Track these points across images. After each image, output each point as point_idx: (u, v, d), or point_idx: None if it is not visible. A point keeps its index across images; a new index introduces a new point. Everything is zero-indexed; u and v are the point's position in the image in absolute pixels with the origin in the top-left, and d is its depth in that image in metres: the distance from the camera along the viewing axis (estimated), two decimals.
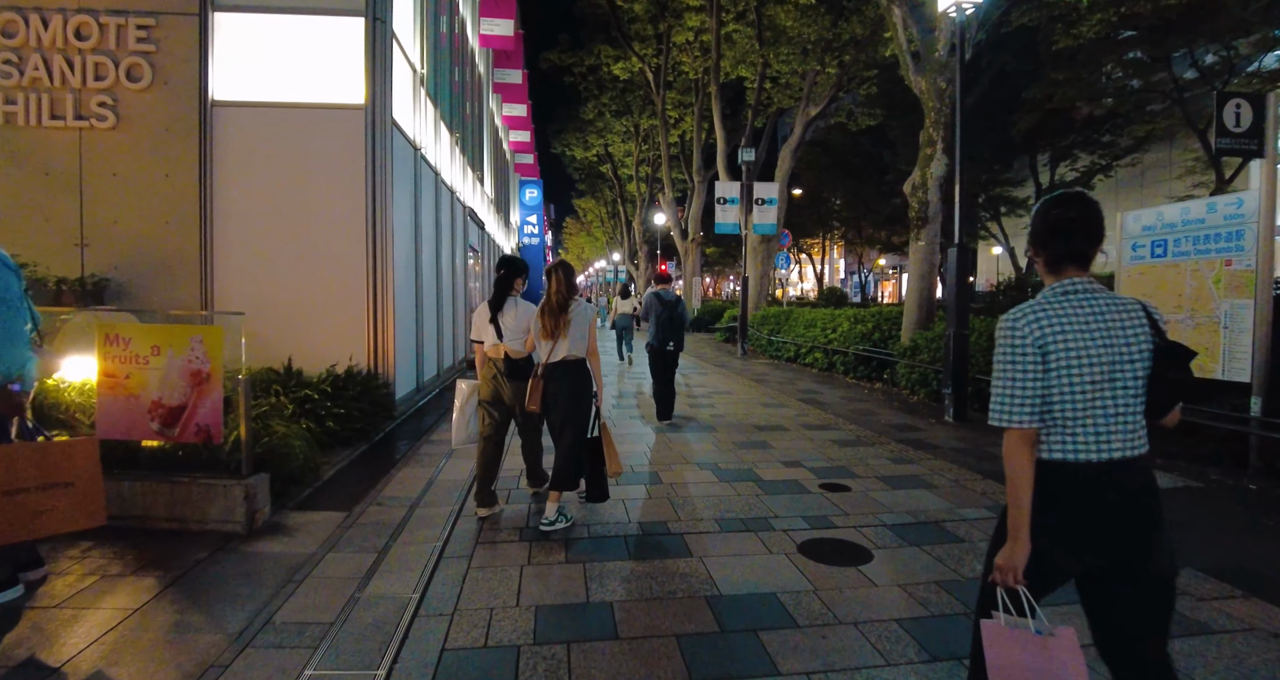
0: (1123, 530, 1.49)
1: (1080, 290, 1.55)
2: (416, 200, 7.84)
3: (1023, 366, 1.52)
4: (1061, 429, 1.51)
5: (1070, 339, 1.50)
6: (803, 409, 7.57)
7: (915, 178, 9.91)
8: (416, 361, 7.83)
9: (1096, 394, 1.49)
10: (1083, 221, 1.55)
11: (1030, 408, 1.51)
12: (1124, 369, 1.50)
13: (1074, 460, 1.50)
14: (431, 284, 8.71)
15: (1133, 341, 1.51)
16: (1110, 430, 1.50)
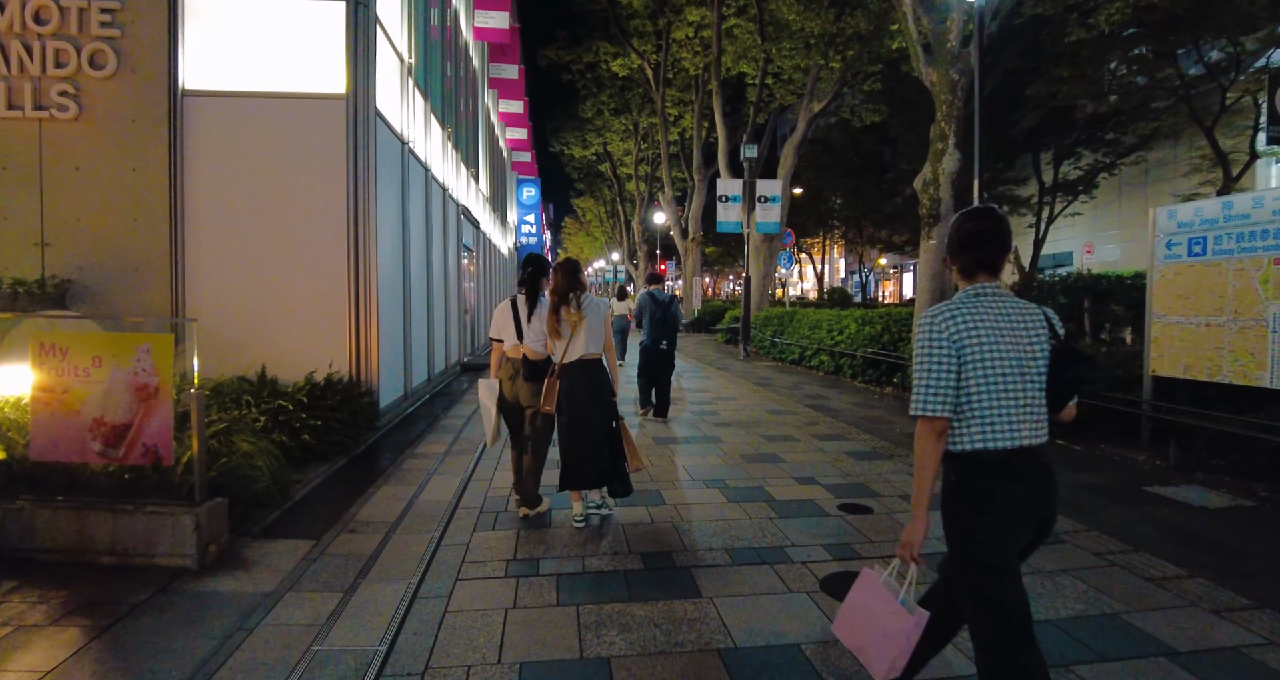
0: (1039, 506, 1.66)
1: (990, 293, 1.69)
2: (404, 197, 7.44)
3: (939, 360, 1.63)
4: (980, 419, 1.62)
5: (983, 336, 1.62)
6: (812, 416, 7.18)
7: (926, 173, 9.52)
8: (404, 366, 7.43)
9: (1008, 386, 1.61)
10: (993, 232, 1.71)
11: (944, 399, 1.62)
12: (1030, 365, 1.64)
13: (994, 448, 1.62)
14: (421, 285, 8.31)
15: (1036, 341, 1.66)
16: (1020, 420, 1.63)
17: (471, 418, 6.88)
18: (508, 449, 5.18)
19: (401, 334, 7.35)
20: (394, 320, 6.99)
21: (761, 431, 6.34)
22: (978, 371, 1.61)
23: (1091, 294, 7.79)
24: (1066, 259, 39.77)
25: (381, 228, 6.45)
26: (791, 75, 17.47)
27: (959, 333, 1.63)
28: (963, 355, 1.62)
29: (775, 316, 14.29)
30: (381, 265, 6.41)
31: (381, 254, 6.42)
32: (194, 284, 5.84)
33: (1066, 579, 3.08)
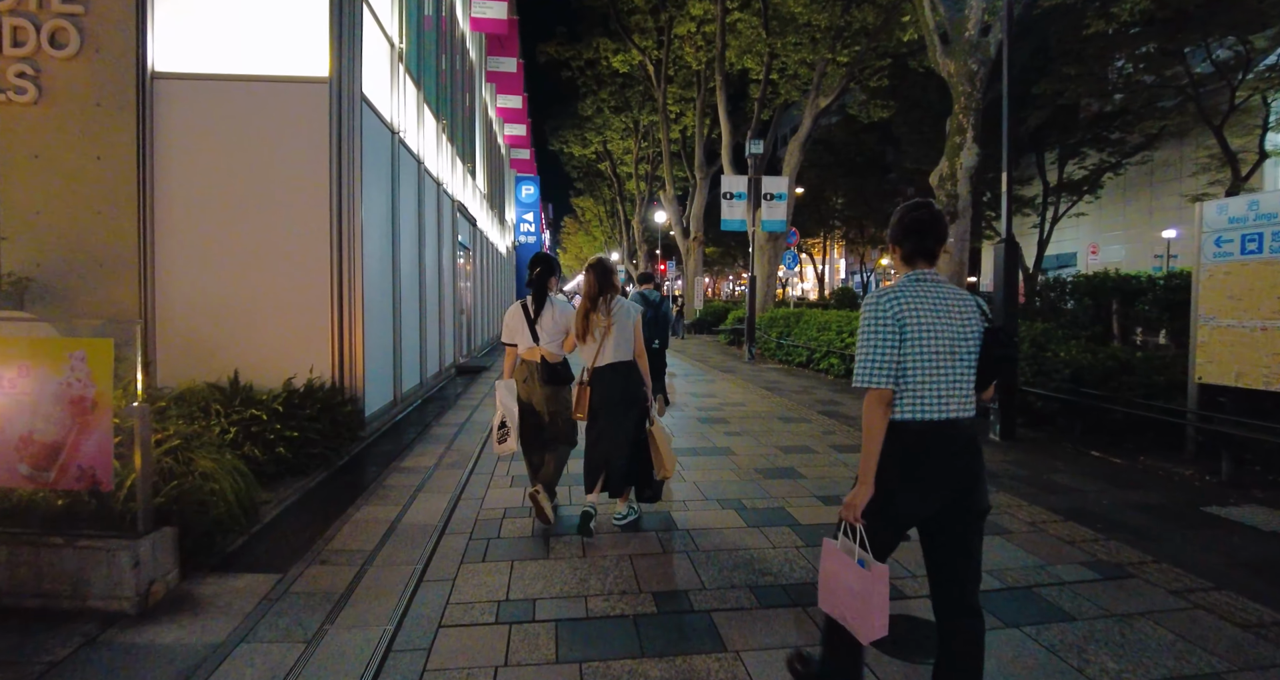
0: (960, 473, 1.79)
1: (928, 279, 1.84)
2: (394, 190, 7.01)
3: (883, 337, 1.77)
4: (913, 392, 1.76)
5: (923, 316, 1.77)
6: (827, 425, 6.75)
7: (943, 169, 9.11)
8: (394, 371, 7.00)
9: (941, 363, 1.77)
10: (930, 224, 1.87)
11: (888, 372, 1.76)
12: (961, 345, 1.80)
13: (922, 418, 1.77)
14: (413, 284, 7.87)
15: (968, 324, 1.82)
16: (950, 394, 1.78)
17: (464, 426, 6.44)
18: (506, 462, 4.80)
19: (391, 336, 6.92)
20: (382, 321, 6.56)
21: (775, 441, 5.91)
22: (915, 348, 1.76)
23: (1121, 294, 7.39)
24: (1070, 260, 39.44)
25: (369, 222, 6.02)
26: (797, 70, 17.04)
27: (901, 312, 1.77)
28: (904, 333, 1.77)
29: (781, 317, 13.86)
30: (368, 262, 5.98)
31: (369, 250, 5.99)
32: (164, 282, 5.40)
33: (1147, 625, 2.65)
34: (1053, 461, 5.34)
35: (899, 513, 1.81)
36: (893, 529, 1.85)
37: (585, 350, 3.54)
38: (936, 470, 1.78)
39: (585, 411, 3.55)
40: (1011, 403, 6.09)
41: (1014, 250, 6.14)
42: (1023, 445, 5.90)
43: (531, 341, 3.64)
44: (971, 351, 1.81)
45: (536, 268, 3.73)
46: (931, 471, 1.78)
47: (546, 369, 3.65)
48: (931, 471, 1.78)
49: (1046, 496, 4.38)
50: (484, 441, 5.79)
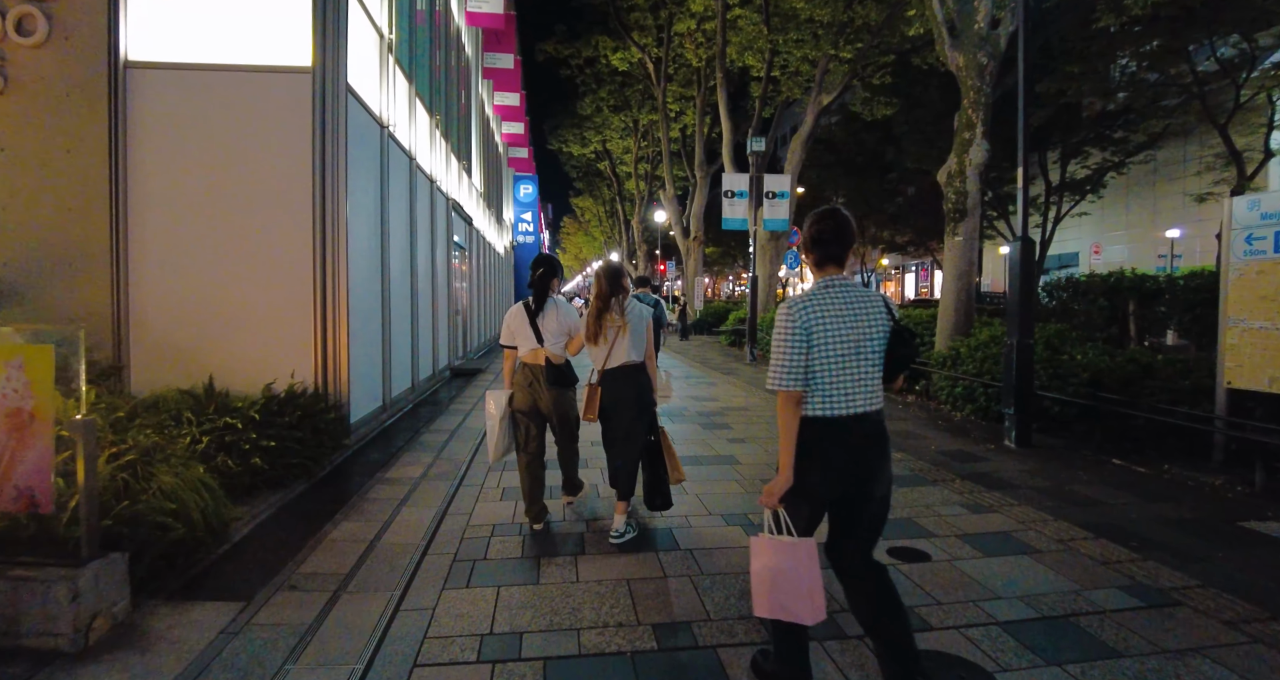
0: (863, 463, 1.99)
1: (837, 284, 2.02)
2: (384, 186, 6.74)
3: (792, 344, 1.95)
4: (822, 392, 1.96)
5: (829, 323, 1.95)
6: None
7: (951, 166, 8.84)
8: (383, 374, 6.72)
9: (847, 364, 1.96)
10: (835, 232, 2.04)
11: (797, 376, 1.94)
12: (866, 345, 1.98)
13: (830, 415, 1.96)
14: (403, 283, 7.60)
15: (874, 324, 1.99)
16: (855, 391, 1.97)
17: (455, 432, 6.17)
18: (497, 472, 4.51)
19: (380, 338, 6.64)
20: (370, 323, 6.28)
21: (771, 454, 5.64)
22: (821, 353, 1.93)
23: (1138, 295, 7.11)
24: (1072, 259, 39.17)
25: (355, 219, 5.75)
26: (799, 67, 16.78)
27: (809, 321, 1.94)
28: (811, 340, 1.93)
29: None
30: (354, 261, 5.71)
31: (355, 248, 5.72)
32: (138, 281, 5.13)
33: (1204, 662, 2.38)
34: (1073, 471, 5.07)
35: (814, 496, 2.00)
36: (808, 509, 2.02)
37: (596, 352, 3.50)
38: (845, 459, 1.97)
39: (596, 412, 3.50)
40: (1027, 409, 5.82)
41: (1030, 249, 5.87)
42: (1040, 453, 5.63)
43: (535, 343, 3.60)
44: (877, 350, 1.99)
45: (539, 268, 3.67)
46: (840, 460, 1.96)
47: (552, 371, 3.60)
48: (840, 460, 1.96)
49: (1071, 510, 4.11)
50: (475, 449, 5.52)
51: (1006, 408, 5.92)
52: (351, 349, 5.52)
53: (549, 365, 3.60)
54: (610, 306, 3.43)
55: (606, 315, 3.43)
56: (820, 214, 2.07)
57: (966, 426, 6.79)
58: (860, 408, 1.96)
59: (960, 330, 8.55)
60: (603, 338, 3.43)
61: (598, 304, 3.44)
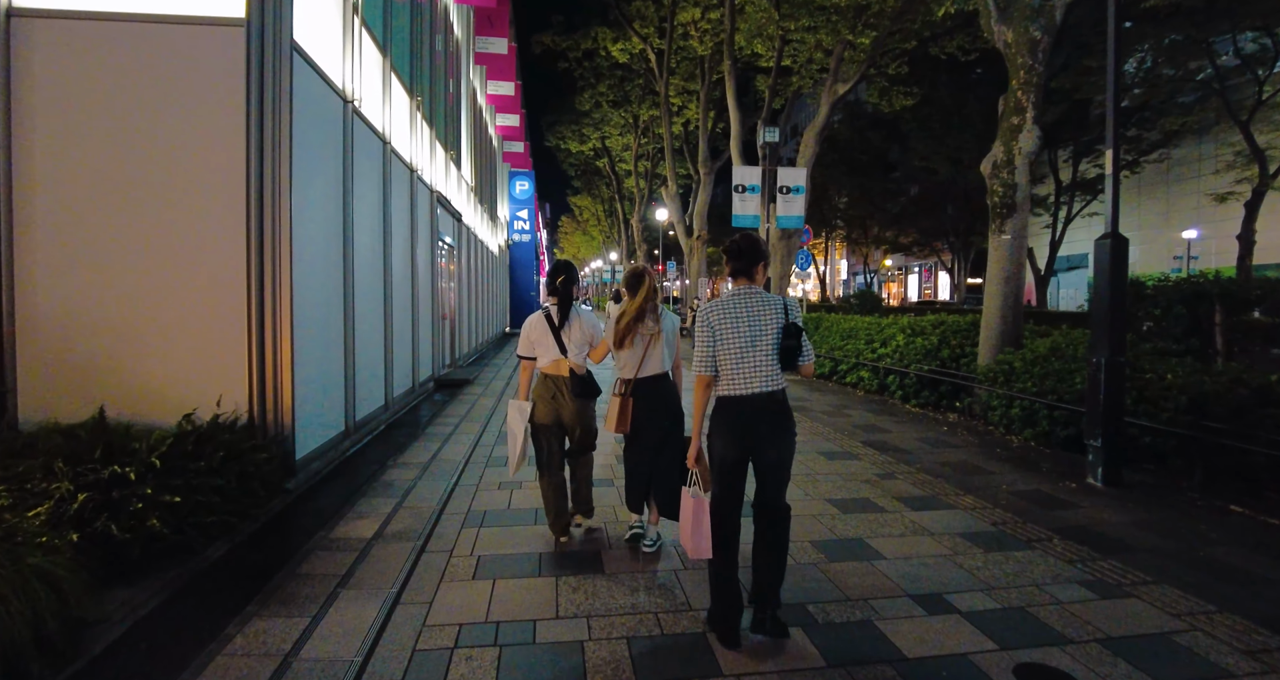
0: (757, 431, 2.50)
1: (744, 293, 2.57)
2: (348, 172, 5.72)
3: (703, 339, 2.55)
4: (726, 377, 2.53)
5: (729, 322, 2.52)
6: (880, 461, 5.47)
7: (997, 155, 7.85)
8: (345, 393, 5.70)
9: (744, 355, 2.49)
10: (746, 250, 2.61)
11: (707, 364, 2.55)
12: (761, 339, 2.50)
13: (732, 395, 2.51)
14: (373, 286, 6.58)
15: (769, 322, 2.51)
16: (752, 376, 2.49)
17: (428, 467, 5.14)
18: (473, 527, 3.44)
19: (342, 350, 5.62)
20: (326, 334, 5.26)
21: (823, 490, 4.63)
22: (723, 346, 2.52)
23: (1228, 301, 6.13)
24: (1081, 260, 38.33)
25: (306, 209, 4.73)
26: (812, 55, 15.78)
27: (713, 321, 2.55)
28: (715, 335, 2.53)
29: None
30: (305, 259, 4.69)
31: (305, 244, 4.70)
32: (27, 286, 4.10)
33: None
34: (1191, 522, 4.07)
35: (723, 456, 2.56)
36: (718, 468, 2.59)
37: (626, 359, 3.40)
38: (743, 426, 2.51)
39: (629, 424, 3.38)
40: (1117, 441, 4.83)
41: (1122, 247, 4.87)
42: (1135, 495, 4.63)
43: (558, 353, 3.49)
44: (772, 343, 2.50)
45: (560, 276, 3.54)
46: (740, 427, 2.51)
47: (577, 382, 3.50)
48: (740, 427, 2.51)
49: (1227, 589, 3.10)
50: (448, 491, 4.51)
51: (1091, 439, 4.92)
52: (299, 366, 4.50)
53: (574, 376, 3.48)
54: (645, 313, 3.34)
55: (642, 323, 3.34)
56: (741, 236, 2.63)
57: (1031, 456, 5.79)
58: (756, 389, 2.48)
59: (1009, 341, 7.56)
60: (636, 345, 3.35)
61: (638, 310, 3.33)
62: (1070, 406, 5.86)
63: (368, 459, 5.43)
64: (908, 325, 9.22)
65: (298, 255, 4.50)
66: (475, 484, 4.66)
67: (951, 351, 8.23)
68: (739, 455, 2.52)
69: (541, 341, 3.50)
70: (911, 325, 9.15)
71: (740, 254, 2.60)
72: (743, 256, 2.60)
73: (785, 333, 2.49)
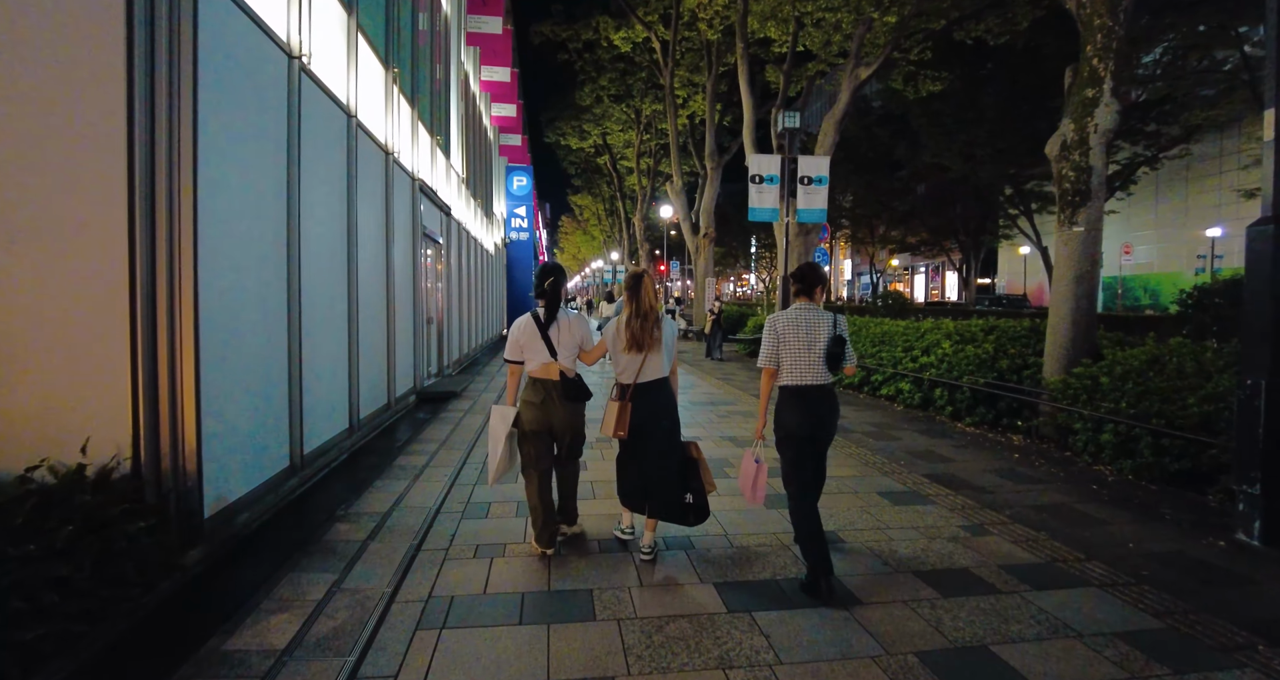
0: (815, 413, 3.17)
1: (805, 307, 3.23)
2: (294, 142, 4.60)
3: (769, 340, 3.22)
4: (786, 371, 3.20)
5: (791, 330, 3.19)
6: (960, 508, 4.35)
7: (1066, 133, 6.73)
8: (290, 419, 4.57)
9: (800, 355, 3.17)
10: (808, 275, 3.28)
11: (773, 359, 3.22)
12: (815, 344, 3.16)
13: (795, 385, 3.18)
14: (332, 285, 5.46)
15: (823, 332, 3.17)
16: (807, 371, 3.16)
17: (387, 519, 4.02)
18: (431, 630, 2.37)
19: (286, 366, 4.50)
20: (263, 345, 4.14)
21: (907, 556, 3.52)
22: (785, 348, 3.19)
23: None
24: None
25: (229, 185, 3.62)
26: (830, 37, 14.67)
27: (780, 329, 3.21)
28: (781, 338, 3.20)
29: None
30: (225, 252, 3.58)
31: (225, 232, 3.59)
32: None
33: None
34: None
35: (787, 433, 3.20)
36: (785, 442, 3.23)
37: (627, 364, 3.37)
38: (801, 410, 3.16)
39: (626, 429, 3.32)
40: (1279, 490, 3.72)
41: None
42: None
43: (548, 357, 3.42)
44: (823, 348, 3.16)
45: (549, 278, 3.45)
46: (798, 411, 3.16)
47: (568, 386, 3.43)
48: (798, 411, 3.16)
49: None
50: (407, 558, 3.39)
51: (1244, 484, 3.80)
52: (210, 389, 3.39)
53: (564, 379, 3.44)
54: (659, 319, 3.38)
55: (656, 328, 3.36)
56: (801, 265, 3.31)
57: (1138, 496, 4.68)
58: (809, 381, 3.18)
59: (1083, 350, 6.46)
60: (636, 348, 3.34)
61: (652, 317, 3.36)
62: (1183, 434, 4.76)
63: (316, 505, 4.31)
64: (954, 330, 8.11)
65: (210, 245, 3.39)
66: (444, 548, 3.54)
67: (1011, 362, 7.12)
68: (808, 432, 3.17)
69: (530, 345, 3.42)
70: (959, 330, 8.04)
71: (804, 278, 3.28)
72: (805, 280, 3.28)
73: (833, 342, 3.15)
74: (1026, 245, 36.89)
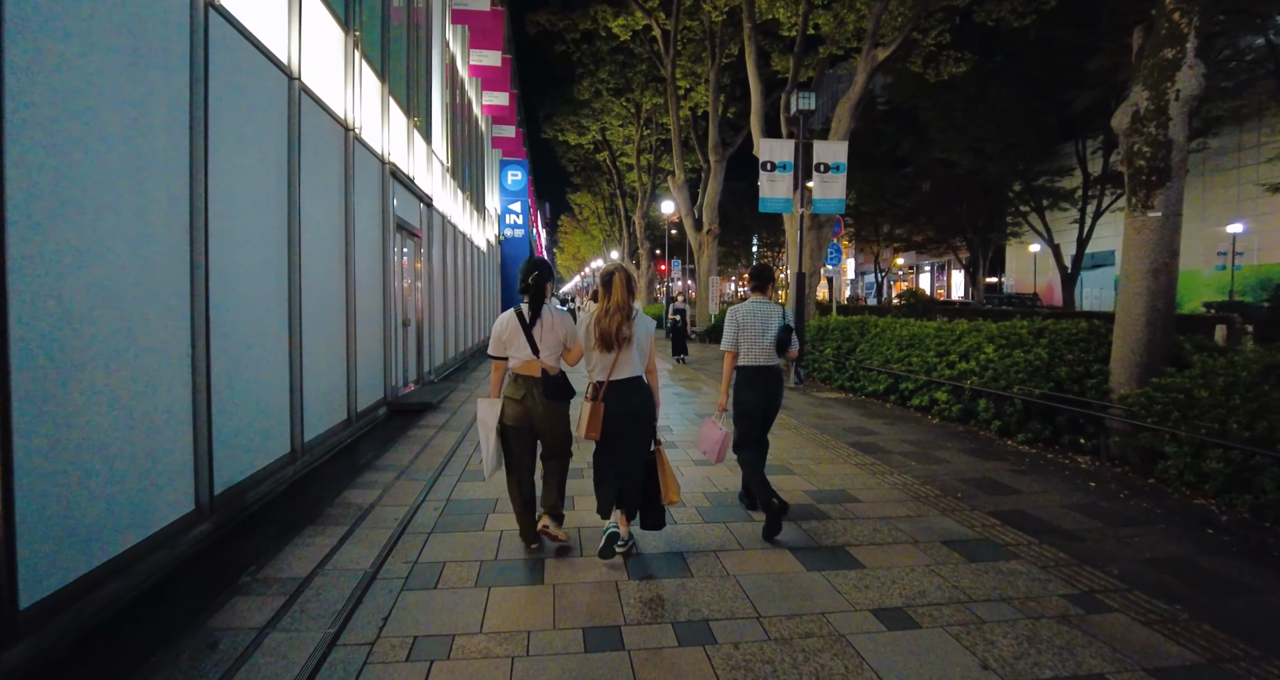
0: (766, 393, 3.86)
1: (761, 301, 3.92)
2: (199, 101, 3.60)
3: (732, 328, 3.86)
4: (744, 353, 3.85)
5: (749, 320, 3.84)
6: (1055, 567, 3.36)
7: (1140, 102, 5.75)
8: (196, 448, 3.57)
9: (754, 340, 3.83)
10: (760, 275, 4.05)
11: (733, 343, 3.87)
12: (768, 332, 3.82)
13: (750, 365, 3.85)
14: (262, 277, 4.45)
15: (773, 322, 3.84)
16: (760, 355, 3.84)
17: (298, 598, 3.02)
18: None
19: (189, 376, 3.51)
20: (141, 353, 3.14)
21: (1006, 658, 2.54)
22: (743, 335, 3.84)
23: None
24: (1106, 259, 36.15)
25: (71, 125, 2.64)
26: (844, 16, 13.67)
27: (740, 318, 3.87)
28: (740, 327, 3.85)
29: (838, 327, 10.47)
30: (71, 221, 2.59)
31: (67, 194, 2.61)
32: None
33: None
34: None
35: (747, 407, 3.88)
36: (741, 415, 3.92)
37: (599, 362, 3.30)
38: (756, 387, 3.86)
39: (599, 430, 3.24)
40: None
41: None
42: None
43: (530, 354, 3.36)
44: (774, 336, 3.83)
45: (533, 272, 3.40)
46: (754, 388, 3.86)
47: (549, 383, 3.37)
48: (754, 388, 3.86)
49: None
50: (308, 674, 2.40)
51: None
52: (24, 419, 2.41)
53: (545, 377, 3.36)
54: (630, 316, 3.28)
55: (625, 324, 3.25)
56: (754, 265, 4.37)
57: (1274, 543, 3.69)
58: (762, 362, 3.86)
59: (1161, 357, 5.48)
60: (606, 347, 3.25)
61: (621, 314, 3.26)
62: None
63: (221, 564, 3.32)
64: (998, 332, 7.12)
65: (33, 213, 2.41)
66: (369, 642, 2.54)
67: (1070, 369, 6.13)
68: (758, 403, 3.87)
69: (513, 341, 3.39)
70: (1004, 333, 7.05)
71: (758, 277, 4.08)
72: (759, 279, 4.07)
73: (782, 330, 3.85)
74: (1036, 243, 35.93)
